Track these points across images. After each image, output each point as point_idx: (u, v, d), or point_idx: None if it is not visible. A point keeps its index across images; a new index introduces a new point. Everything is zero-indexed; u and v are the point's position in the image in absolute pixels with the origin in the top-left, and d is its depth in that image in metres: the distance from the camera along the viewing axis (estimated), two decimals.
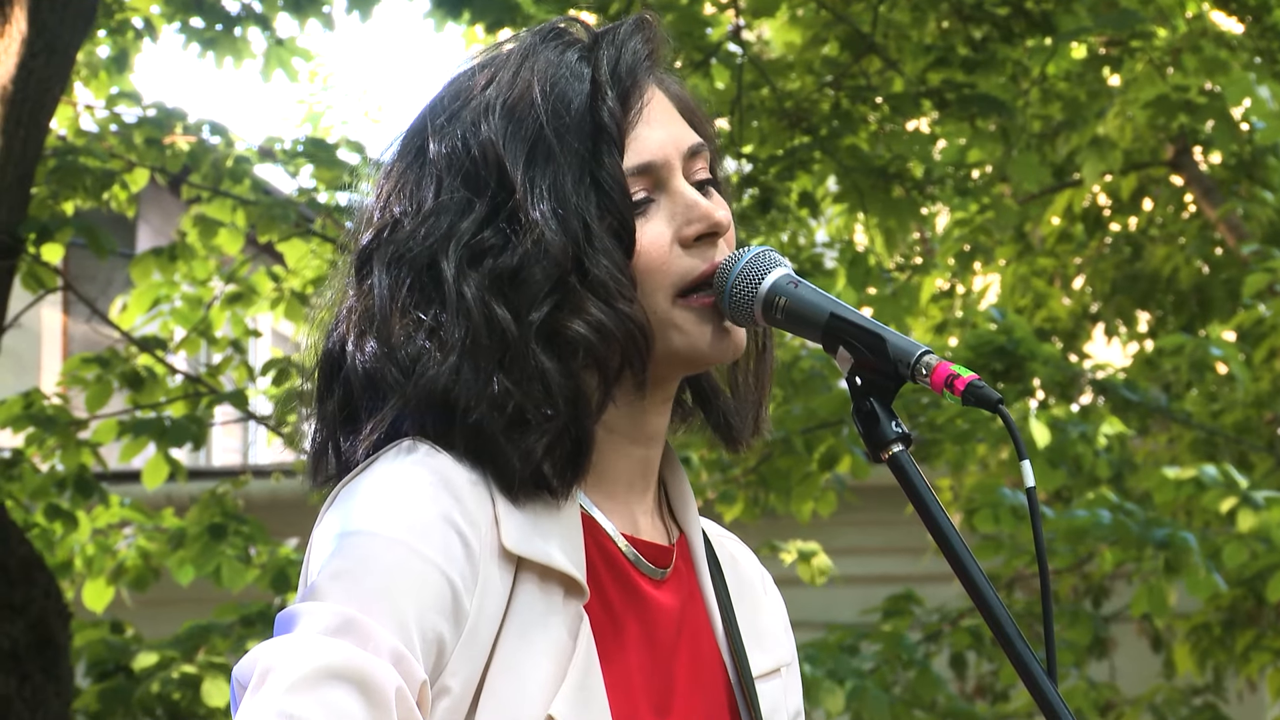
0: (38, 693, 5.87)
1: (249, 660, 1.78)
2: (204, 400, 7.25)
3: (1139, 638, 9.26)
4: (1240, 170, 9.54)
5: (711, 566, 2.08)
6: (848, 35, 7.77)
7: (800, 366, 7.59)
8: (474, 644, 1.85)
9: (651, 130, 1.98)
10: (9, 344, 6.17)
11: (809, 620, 9.34)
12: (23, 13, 5.68)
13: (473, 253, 1.92)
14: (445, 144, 1.97)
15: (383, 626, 1.78)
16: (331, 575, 1.82)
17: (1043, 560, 1.88)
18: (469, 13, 7.32)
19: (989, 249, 9.86)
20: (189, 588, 7.47)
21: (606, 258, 1.92)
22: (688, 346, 1.96)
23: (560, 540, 1.91)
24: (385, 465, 1.88)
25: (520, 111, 1.95)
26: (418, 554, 1.83)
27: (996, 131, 7.75)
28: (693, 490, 2.13)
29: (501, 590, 1.87)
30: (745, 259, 1.98)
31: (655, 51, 2.01)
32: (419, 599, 1.81)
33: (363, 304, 1.95)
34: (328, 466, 1.96)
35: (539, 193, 1.92)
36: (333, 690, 1.74)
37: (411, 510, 1.85)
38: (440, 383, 1.89)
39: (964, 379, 1.88)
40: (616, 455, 1.98)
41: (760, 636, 2.08)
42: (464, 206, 1.94)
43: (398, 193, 1.98)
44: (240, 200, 7.36)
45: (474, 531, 1.86)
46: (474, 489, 1.88)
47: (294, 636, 1.78)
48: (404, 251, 1.94)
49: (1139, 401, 7.99)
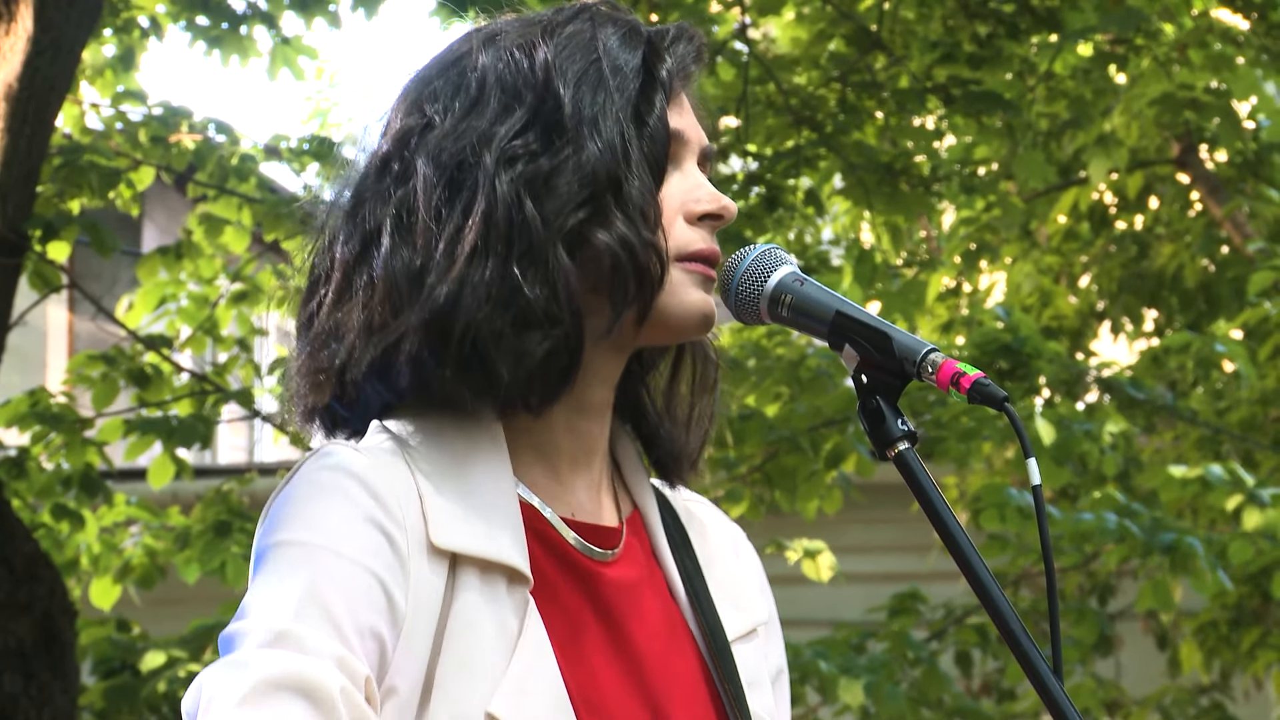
0: (44, 691, 5.87)
1: (193, 690, 1.77)
2: (210, 399, 7.25)
3: (1145, 635, 9.25)
4: (1246, 168, 9.54)
5: (677, 535, 2.08)
6: (853, 31, 7.77)
7: (806, 364, 7.59)
8: (413, 642, 1.84)
9: (683, 116, 2.02)
10: (14, 342, 6.16)
11: (814, 618, 9.34)
12: (28, 10, 5.67)
13: (510, 154, 1.92)
14: (492, 57, 1.98)
15: (318, 631, 1.78)
16: (259, 590, 1.81)
17: (1048, 558, 1.88)
18: (474, 11, 7.31)
19: (995, 247, 9.86)
20: (195, 586, 7.47)
21: (641, 184, 1.94)
22: (677, 308, 1.96)
23: (497, 529, 1.90)
24: (302, 474, 1.87)
25: (576, 44, 1.98)
26: (342, 556, 1.82)
27: (1002, 128, 7.75)
28: (697, 489, 2.13)
29: (436, 586, 1.86)
30: (751, 256, 1.99)
31: (699, 59, 2.05)
32: (349, 600, 1.80)
33: (394, 200, 1.94)
34: (331, 382, 1.94)
35: (585, 110, 1.94)
36: (278, 702, 1.73)
37: (331, 515, 1.84)
38: (443, 300, 1.88)
39: (970, 377, 1.87)
40: (562, 428, 1.98)
41: (734, 599, 2.07)
42: (505, 111, 1.95)
43: (429, 96, 1.98)
44: (246, 198, 7.36)
45: (399, 530, 1.85)
46: (397, 484, 1.87)
47: (231, 657, 1.77)
48: (440, 148, 1.94)
49: (1144, 399, 7.98)
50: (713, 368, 2.09)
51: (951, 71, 7.59)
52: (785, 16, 8.25)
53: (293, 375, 1.99)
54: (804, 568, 7.00)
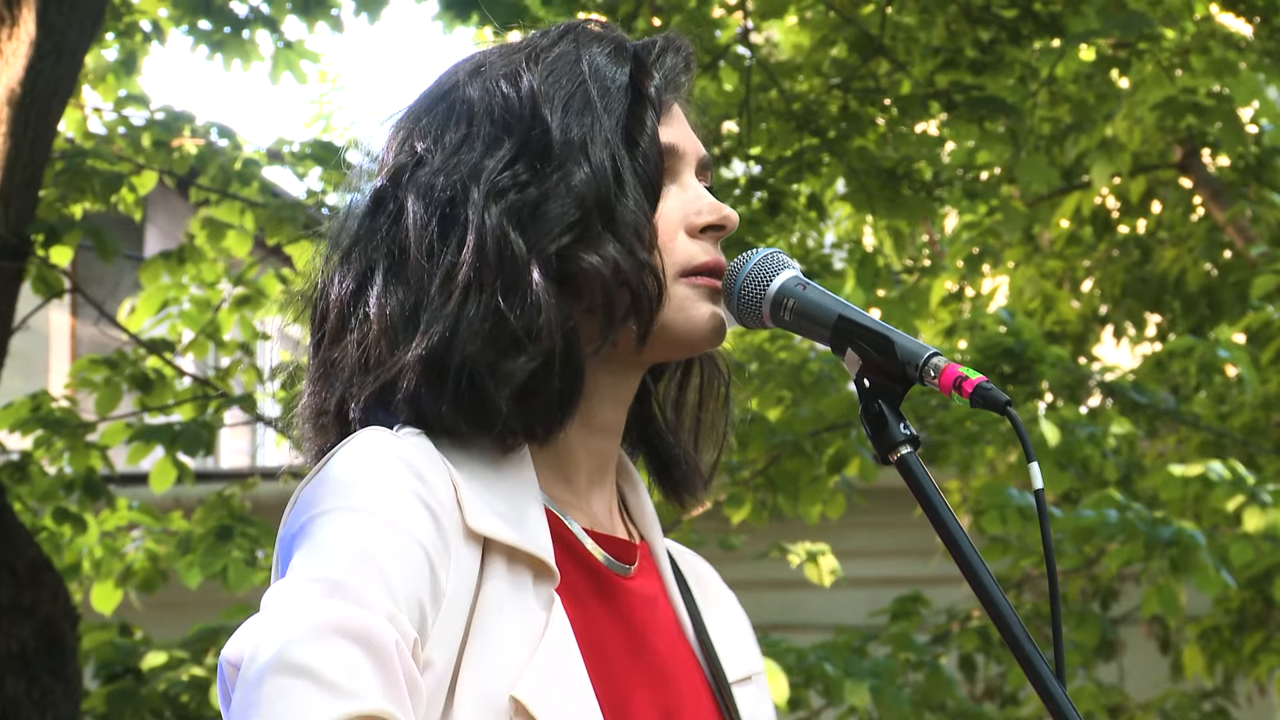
0: (46, 695, 5.87)
1: (238, 638, 1.75)
2: (213, 403, 7.26)
3: (1147, 640, 9.25)
4: (1248, 172, 9.54)
5: (678, 577, 2.09)
6: (856, 37, 7.77)
7: (809, 369, 7.59)
8: (450, 620, 1.84)
9: (676, 129, 2.02)
10: (17, 346, 6.17)
11: (817, 622, 9.34)
12: (31, 15, 5.68)
13: (499, 187, 1.93)
14: (479, 88, 1.99)
15: (373, 587, 1.77)
16: (308, 553, 1.80)
17: (1051, 562, 1.88)
18: (478, 15, 7.33)
19: (997, 251, 9.86)
20: (197, 590, 7.47)
21: (635, 205, 1.94)
22: (685, 323, 1.97)
23: (526, 524, 1.90)
24: (341, 456, 1.87)
25: (561, 68, 1.98)
26: (393, 525, 1.82)
27: (1005, 133, 7.75)
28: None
29: (471, 569, 1.86)
30: (754, 260, 1.99)
31: (689, 69, 2.05)
32: (400, 566, 1.80)
33: (386, 239, 1.95)
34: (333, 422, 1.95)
35: (574, 135, 1.94)
36: (339, 644, 1.72)
37: (380, 486, 1.83)
38: (437, 339, 1.89)
39: (972, 381, 1.87)
40: (580, 444, 1.99)
41: (731, 644, 2.09)
42: (493, 143, 1.95)
43: (420, 133, 1.99)
44: (248, 203, 7.36)
45: (441, 509, 1.86)
46: (436, 471, 1.87)
47: (284, 605, 1.75)
48: (431, 183, 1.94)
49: (1147, 404, 7.98)
50: (720, 379, 2.09)
51: (953, 77, 7.60)
52: (788, 22, 8.25)
53: (298, 418, 2.00)
54: (806, 570, 6.99)
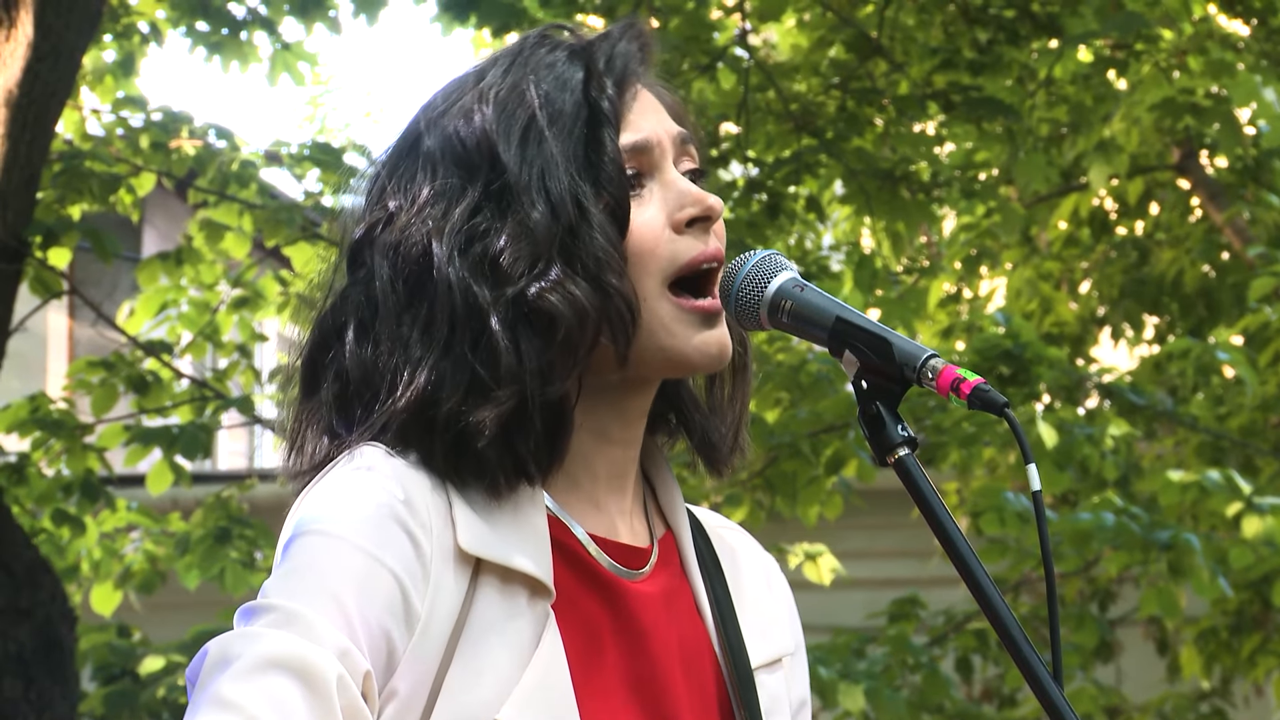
0: (44, 696, 5.87)
1: (200, 655, 1.83)
2: (210, 405, 7.26)
3: (1145, 641, 9.25)
4: (1246, 174, 9.54)
5: (709, 559, 2.08)
6: (853, 38, 7.77)
7: (807, 370, 7.59)
8: (425, 645, 1.85)
9: (643, 118, 1.99)
10: (15, 348, 6.16)
11: (814, 623, 9.33)
12: (29, 16, 5.68)
13: (465, 239, 1.92)
14: (438, 136, 1.98)
15: (328, 621, 1.80)
16: (279, 576, 1.85)
17: (1049, 563, 1.88)
18: (475, 16, 7.33)
19: (995, 253, 9.86)
20: (195, 592, 7.47)
21: (600, 233, 1.92)
22: (674, 348, 1.96)
23: (523, 541, 1.90)
24: (337, 471, 1.89)
25: (512, 101, 1.96)
26: (363, 552, 1.84)
27: (1003, 134, 7.75)
28: (697, 494, 2.13)
29: (456, 592, 1.87)
30: (751, 262, 1.98)
31: (645, 52, 2.02)
32: (364, 596, 1.82)
33: (358, 298, 1.96)
34: (313, 456, 1.97)
35: (531, 173, 1.93)
36: (273, 679, 1.77)
37: (358, 511, 1.85)
38: (420, 396, 1.90)
39: (970, 382, 1.87)
40: (596, 454, 1.98)
41: (762, 627, 2.07)
42: (457, 195, 1.94)
43: (392, 188, 1.98)
44: (246, 204, 7.36)
45: (424, 533, 1.86)
46: (427, 491, 1.88)
47: (241, 630, 1.82)
48: (399, 242, 1.94)
49: (1145, 405, 7.98)
50: (739, 351, 2.06)
51: (951, 77, 7.60)
52: (786, 23, 8.26)
53: (284, 474, 2.03)
54: (805, 570, 6.99)
